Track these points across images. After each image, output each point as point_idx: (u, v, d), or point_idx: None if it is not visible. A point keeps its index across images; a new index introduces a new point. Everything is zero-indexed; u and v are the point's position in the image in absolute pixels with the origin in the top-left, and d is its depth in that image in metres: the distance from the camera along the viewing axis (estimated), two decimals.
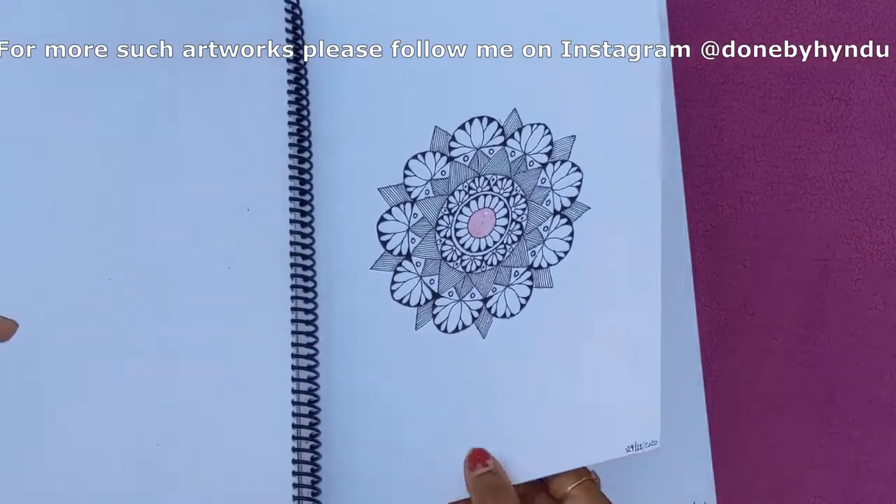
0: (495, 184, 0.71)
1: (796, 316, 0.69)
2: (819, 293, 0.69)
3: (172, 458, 0.59)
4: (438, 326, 0.69)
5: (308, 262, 0.67)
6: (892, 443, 0.67)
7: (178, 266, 0.62)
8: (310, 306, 0.66)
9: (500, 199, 0.71)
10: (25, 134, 0.58)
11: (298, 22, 0.71)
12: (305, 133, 0.69)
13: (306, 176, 0.68)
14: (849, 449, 0.67)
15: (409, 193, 0.71)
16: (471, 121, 0.73)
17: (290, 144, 0.68)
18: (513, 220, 0.71)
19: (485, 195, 0.71)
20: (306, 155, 0.69)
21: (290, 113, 0.68)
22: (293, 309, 0.66)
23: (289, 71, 0.68)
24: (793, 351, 0.69)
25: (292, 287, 0.66)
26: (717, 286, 0.69)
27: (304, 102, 0.69)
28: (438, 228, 0.72)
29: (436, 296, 0.70)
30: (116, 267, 0.59)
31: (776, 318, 0.69)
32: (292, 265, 0.66)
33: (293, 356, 0.65)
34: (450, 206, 0.71)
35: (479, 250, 0.71)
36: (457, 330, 0.68)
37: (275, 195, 0.66)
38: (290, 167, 0.68)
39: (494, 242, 0.69)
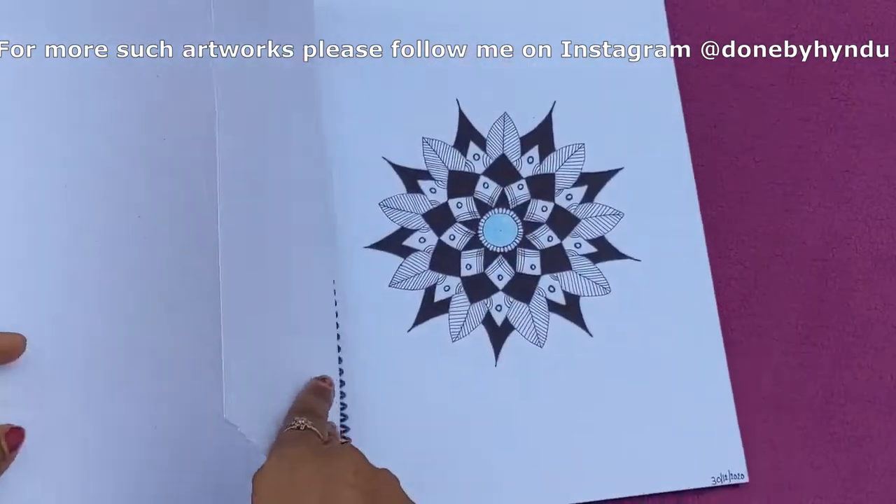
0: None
1: (796, 316, 0.69)
2: (819, 293, 0.69)
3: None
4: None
5: None
6: (892, 443, 0.67)
7: (179, 265, 0.61)
8: None
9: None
10: (26, 134, 0.58)
11: None
12: None
13: None
14: (849, 449, 0.67)
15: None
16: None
17: None
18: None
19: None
20: None
21: None
22: None
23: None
24: (793, 351, 0.69)
25: None
26: (717, 286, 0.69)
27: None
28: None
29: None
30: (119, 260, 0.59)
31: (776, 318, 0.69)
32: None
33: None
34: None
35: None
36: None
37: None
38: None
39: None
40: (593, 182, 0.71)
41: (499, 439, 0.66)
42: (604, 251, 0.70)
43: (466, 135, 0.71)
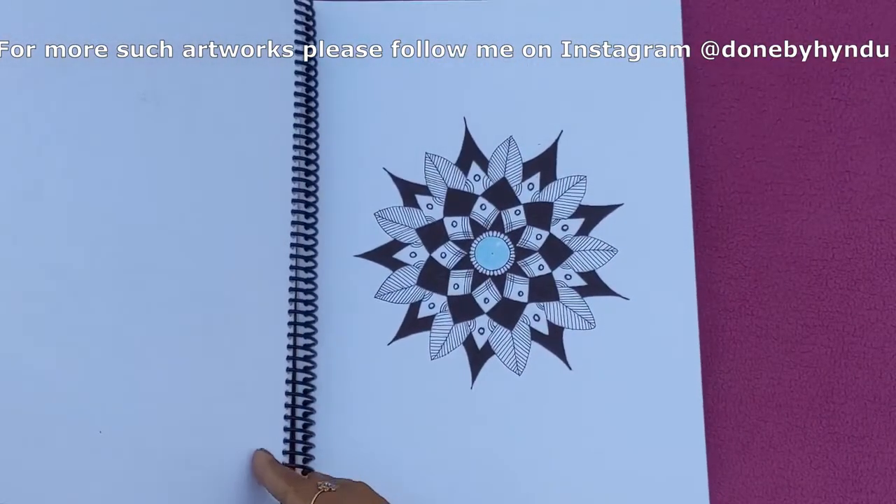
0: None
1: (796, 316, 0.69)
2: (818, 293, 0.69)
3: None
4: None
5: (310, 264, 0.67)
6: (892, 443, 0.67)
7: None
8: (310, 308, 0.66)
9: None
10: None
11: (311, 23, 0.70)
12: (312, 135, 0.69)
13: (312, 178, 0.68)
14: (849, 449, 0.67)
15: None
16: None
17: (296, 146, 0.67)
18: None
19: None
20: (312, 156, 0.69)
21: (297, 115, 0.67)
22: (291, 306, 0.65)
23: (298, 72, 0.68)
24: (793, 351, 0.68)
25: (291, 278, 0.66)
26: (717, 286, 0.69)
27: (313, 104, 0.69)
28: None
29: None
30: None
31: (776, 318, 0.69)
32: (292, 265, 0.66)
33: (289, 358, 0.65)
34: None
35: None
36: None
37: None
38: (295, 168, 0.67)
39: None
40: (591, 215, 0.70)
41: (468, 461, 0.66)
42: (593, 286, 0.69)
43: (470, 154, 0.71)
